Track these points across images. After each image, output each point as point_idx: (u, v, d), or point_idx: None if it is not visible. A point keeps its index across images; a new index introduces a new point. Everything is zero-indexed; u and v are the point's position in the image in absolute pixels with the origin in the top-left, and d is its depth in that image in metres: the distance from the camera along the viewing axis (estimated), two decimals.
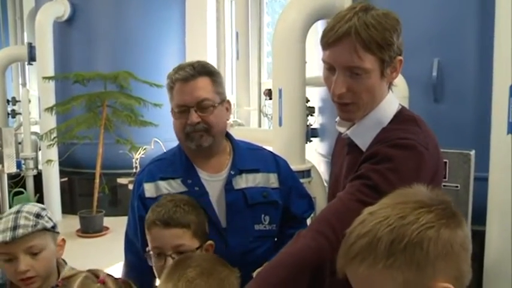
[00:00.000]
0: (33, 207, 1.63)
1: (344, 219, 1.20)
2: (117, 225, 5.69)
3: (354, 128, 1.45)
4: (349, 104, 1.39)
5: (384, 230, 0.89)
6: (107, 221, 5.92)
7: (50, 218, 1.63)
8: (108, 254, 3.53)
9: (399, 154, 1.31)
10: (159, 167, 1.78)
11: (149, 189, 1.73)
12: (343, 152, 1.52)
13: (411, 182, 1.08)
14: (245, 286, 1.19)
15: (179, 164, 1.76)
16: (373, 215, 0.94)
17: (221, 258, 1.40)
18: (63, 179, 6.56)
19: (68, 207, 6.45)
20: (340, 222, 1.21)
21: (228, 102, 1.80)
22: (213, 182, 1.74)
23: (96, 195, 5.85)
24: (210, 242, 1.59)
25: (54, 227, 1.63)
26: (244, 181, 1.75)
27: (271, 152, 1.92)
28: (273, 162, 1.84)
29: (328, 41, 1.35)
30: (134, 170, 5.70)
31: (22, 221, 1.54)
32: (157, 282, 1.80)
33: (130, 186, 6.39)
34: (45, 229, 1.59)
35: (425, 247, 0.86)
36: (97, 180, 5.83)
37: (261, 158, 1.83)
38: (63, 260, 1.72)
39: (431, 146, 1.36)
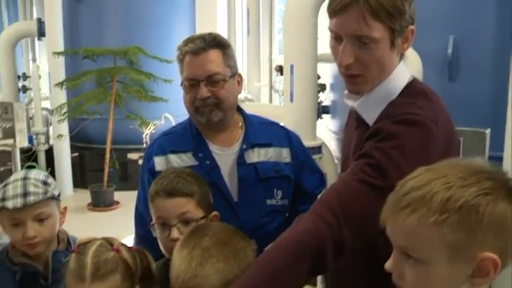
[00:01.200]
0: (39, 174, 1.64)
1: (345, 201, 1.19)
2: (128, 200, 5.72)
3: (361, 101, 1.39)
4: (356, 75, 1.33)
5: (441, 186, 0.87)
6: (117, 195, 5.97)
7: (55, 186, 1.65)
8: (119, 228, 3.55)
9: (404, 130, 1.24)
10: (169, 141, 1.77)
11: (159, 163, 1.72)
12: (353, 127, 1.48)
13: (418, 160, 1.04)
14: (244, 273, 1.16)
15: (190, 137, 1.74)
16: (431, 171, 0.92)
17: (238, 229, 1.37)
18: (74, 154, 6.59)
19: (79, 182, 6.50)
20: (341, 205, 1.18)
21: (240, 75, 1.77)
22: (224, 156, 1.72)
23: (106, 170, 5.88)
24: (215, 212, 1.57)
25: (59, 195, 1.66)
26: (256, 155, 1.73)
27: (283, 127, 1.89)
28: (285, 137, 1.82)
29: (334, 9, 1.27)
30: (144, 145, 5.70)
31: (32, 188, 1.55)
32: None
33: (141, 162, 6.44)
34: (52, 197, 1.60)
35: (480, 212, 0.84)
36: (107, 155, 5.85)
37: (273, 133, 1.81)
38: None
39: (442, 121, 1.27)
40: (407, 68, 1.40)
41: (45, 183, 1.60)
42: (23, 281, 1.57)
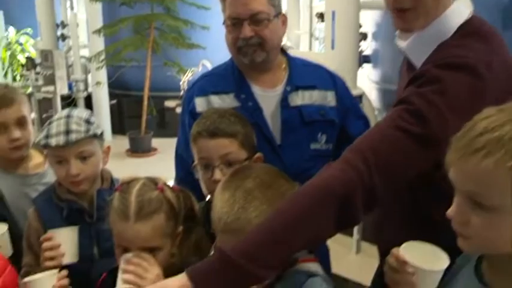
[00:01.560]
0: (82, 112, 1.63)
1: (379, 149, 1.12)
2: (165, 146, 5.79)
3: (410, 41, 1.28)
4: (407, 10, 1.22)
5: None
6: (155, 142, 6.05)
7: (98, 125, 1.64)
8: (157, 174, 3.59)
9: (450, 75, 1.14)
10: (210, 82, 1.73)
11: (200, 104, 1.69)
12: (405, 73, 1.39)
13: (464, 108, 0.96)
14: (266, 217, 1.11)
15: (232, 78, 1.70)
16: (504, 112, 0.85)
17: (282, 171, 1.34)
18: (112, 101, 6.67)
19: (117, 128, 6.61)
20: (374, 153, 1.11)
21: (284, 15, 1.70)
22: (267, 97, 1.68)
23: (144, 117, 5.94)
24: (259, 154, 1.54)
25: (102, 134, 1.65)
26: (301, 98, 1.68)
27: (328, 70, 1.82)
28: (330, 80, 1.75)
29: None
30: (182, 93, 5.71)
31: (74, 126, 1.55)
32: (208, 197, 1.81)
33: (178, 110, 6.49)
34: (95, 135, 1.60)
35: None
36: (145, 103, 5.89)
37: (318, 75, 1.75)
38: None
39: (497, 66, 1.15)
40: (468, 5, 1.28)
41: (87, 121, 1.59)
42: (70, 217, 1.60)
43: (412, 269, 1.05)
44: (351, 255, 3.72)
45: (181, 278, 0.99)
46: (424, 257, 1.07)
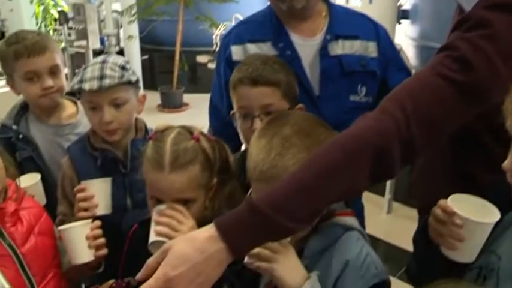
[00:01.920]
0: (118, 58, 1.58)
1: (419, 97, 1.03)
2: (197, 102, 5.80)
3: None
4: None
5: None
6: (186, 97, 6.05)
7: (133, 72, 1.59)
8: None
9: (500, 17, 1.04)
10: (247, 29, 1.67)
11: (237, 52, 1.64)
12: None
13: None
14: (298, 167, 1.04)
15: (269, 26, 1.63)
16: None
17: (321, 119, 1.28)
18: (144, 57, 6.66)
19: (148, 83, 6.61)
20: (413, 101, 1.02)
21: None
22: (306, 46, 1.61)
23: (176, 72, 5.92)
24: (300, 105, 1.48)
25: (137, 81, 1.59)
26: (341, 47, 1.61)
27: (371, 19, 1.73)
28: (373, 30, 1.68)
29: None
30: (214, 48, 5.65)
31: (108, 72, 1.50)
32: (243, 147, 1.78)
33: (210, 65, 6.45)
34: (129, 82, 1.55)
35: None
36: (177, 57, 5.87)
37: (360, 24, 1.67)
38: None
39: None
40: None
41: (122, 67, 1.54)
42: (104, 166, 1.57)
43: (460, 221, 1.01)
44: (382, 214, 3.70)
45: (210, 229, 0.96)
46: (473, 210, 1.02)
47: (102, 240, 1.37)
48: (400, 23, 4.53)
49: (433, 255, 1.10)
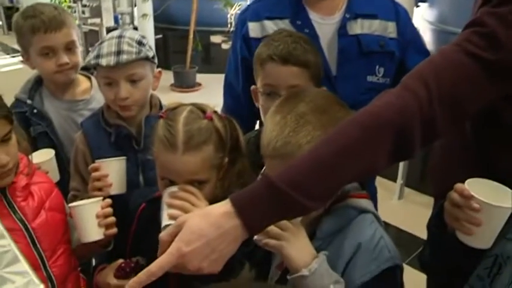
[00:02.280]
0: (135, 33, 1.55)
1: (443, 74, 0.99)
2: (210, 82, 5.78)
3: None
4: None
5: None
6: (200, 77, 6.03)
7: (150, 47, 1.56)
8: None
9: None
10: (265, 6, 1.63)
11: (254, 29, 1.60)
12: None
13: None
14: (316, 144, 1.00)
15: (288, 3, 1.60)
16: None
17: (339, 98, 1.25)
18: (157, 36, 6.63)
19: (162, 63, 6.50)
20: (436, 78, 0.98)
21: None
22: (324, 25, 1.57)
23: (189, 51, 5.90)
24: (324, 88, 1.44)
25: (153, 57, 1.57)
26: (360, 27, 1.57)
27: None
28: (393, 10, 1.63)
29: None
30: (229, 28, 5.60)
31: (125, 47, 1.48)
32: (257, 126, 1.75)
33: (223, 46, 6.42)
34: (146, 58, 1.52)
35: None
36: (191, 37, 5.83)
37: (380, 4, 1.62)
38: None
39: None
40: None
41: (139, 43, 1.51)
42: (117, 142, 1.56)
43: (478, 205, 0.99)
44: (393, 200, 3.67)
45: (225, 204, 0.93)
46: (490, 195, 1.00)
47: (112, 219, 1.36)
48: (418, 6, 4.45)
49: (447, 241, 1.09)
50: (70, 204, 1.37)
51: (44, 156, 1.60)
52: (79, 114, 1.79)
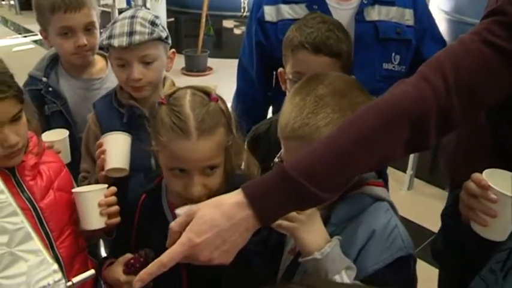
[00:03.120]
0: (148, 13, 1.51)
1: (462, 64, 0.96)
2: (221, 67, 5.76)
3: None
4: None
5: None
6: (211, 62, 6.01)
7: (164, 28, 1.52)
8: None
9: None
10: None
11: (269, 13, 1.59)
12: None
13: None
14: (330, 132, 0.98)
15: None
16: None
17: (359, 82, 1.22)
18: (170, 19, 6.59)
19: (173, 46, 6.48)
20: (455, 68, 0.96)
21: None
22: (341, 10, 1.55)
23: (201, 35, 5.86)
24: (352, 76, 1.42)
25: (167, 37, 1.53)
26: (377, 13, 1.55)
27: None
28: None
29: None
30: (242, 12, 5.56)
31: (138, 27, 1.44)
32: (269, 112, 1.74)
33: (236, 30, 6.38)
34: (159, 39, 1.49)
35: None
36: (203, 20, 5.79)
37: None
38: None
39: None
40: None
41: (153, 23, 1.48)
42: (130, 123, 1.53)
43: (495, 196, 0.97)
44: (402, 191, 3.65)
45: (237, 194, 0.91)
46: (508, 186, 0.98)
47: (116, 208, 1.31)
48: None
49: (461, 231, 1.07)
50: (73, 190, 1.33)
51: (58, 135, 1.59)
52: (94, 94, 1.77)
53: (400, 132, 0.95)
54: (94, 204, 1.28)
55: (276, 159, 1.18)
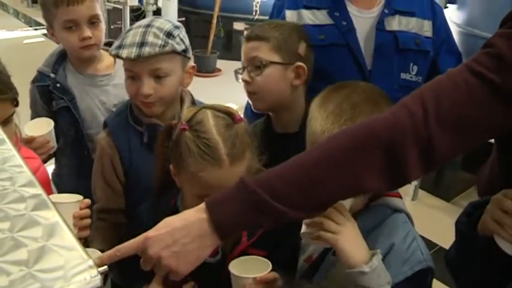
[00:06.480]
0: (166, 23, 1.40)
1: (445, 94, 0.92)
2: (230, 68, 5.73)
3: None
4: None
5: None
6: (220, 63, 6.01)
7: (182, 40, 1.40)
8: (220, 94, 3.54)
9: None
10: None
11: (291, 17, 1.59)
12: None
13: None
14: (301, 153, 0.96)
15: None
16: None
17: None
18: (180, 18, 6.60)
19: None
20: (435, 97, 0.91)
21: None
22: (362, 18, 1.56)
23: (211, 36, 5.86)
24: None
25: (185, 50, 1.41)
26: (397, 23, 1.56)
27: None
28: (430, 8, 1.62)
29: None
30: (253, 15, 5.57)
31: (150, 38, 1.35)
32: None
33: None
34: (174, 51, 1.37)
35: None
36: (214, 21, 5.80)
37: (418, 1, 1.61)
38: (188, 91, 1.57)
39: None
40: None
41: (169, 34, 1.37)
42: (151, 143, 1.39)
43: None
44: (406, 201, 3.62)
45: (200, 206, 0.94)
46: None
47: (87, 221, 1.26)
48: (446, 7, 4.39)
49: (476, 243, 1.07)
50: (51, 197, 1.32)
51: (43, 125, 1.61)
52: (102, 90, 1.78)
53: (370, 157, 0.91)
54: (68, 216, 1.22)
55: None
